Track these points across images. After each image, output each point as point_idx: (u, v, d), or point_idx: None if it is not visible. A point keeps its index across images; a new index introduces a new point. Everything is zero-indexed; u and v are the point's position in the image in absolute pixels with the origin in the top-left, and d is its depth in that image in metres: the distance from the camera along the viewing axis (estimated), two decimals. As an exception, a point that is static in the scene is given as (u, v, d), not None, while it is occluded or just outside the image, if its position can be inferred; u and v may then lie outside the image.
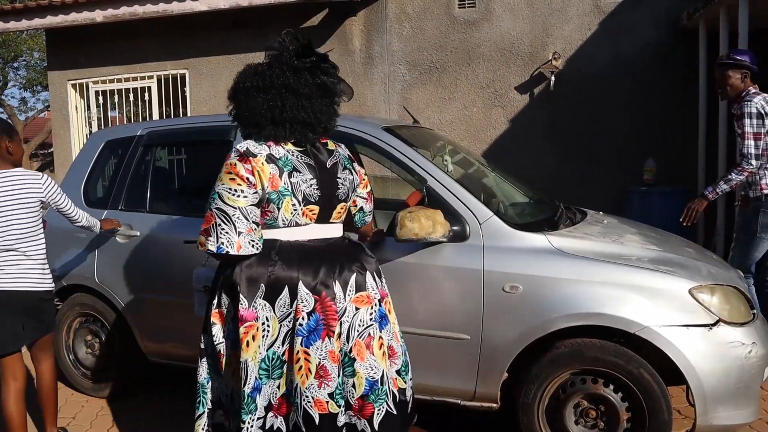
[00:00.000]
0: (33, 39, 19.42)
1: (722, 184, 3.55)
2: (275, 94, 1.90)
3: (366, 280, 2.01)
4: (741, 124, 3.47)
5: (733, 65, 3.60)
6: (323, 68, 1.96)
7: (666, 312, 2.40)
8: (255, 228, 1.90)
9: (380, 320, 2.05)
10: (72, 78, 7.80)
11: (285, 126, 1.91)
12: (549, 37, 6.30)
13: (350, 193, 2.08)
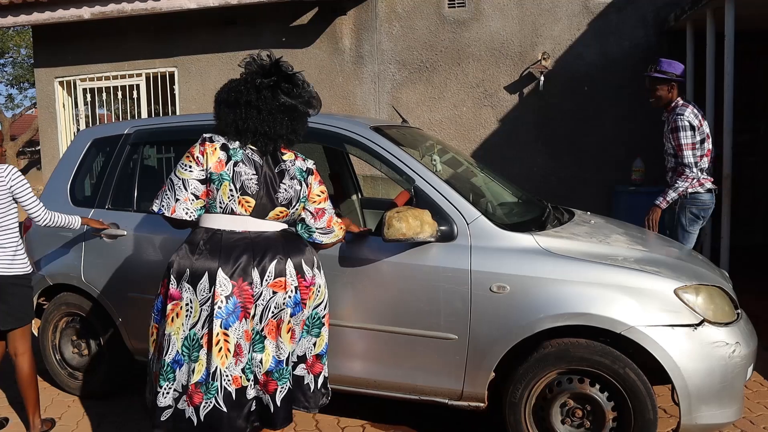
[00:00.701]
0: (20, 35, 19.25)
1: (671, 192, 3.80)
2: (241, 109, 2.17)
3: (286, 268, 2.19)
4: (677, 137, 3.78)
5: (660, 78, 3.88)
6: (284, 88, 2.19)
7: (651, 312, 2.41)
8: (192, 199, 2.19)
9: (294, 306, 2.22)
10: (59, 75, 7.72)
11: (247, 135, 2.19)
12: (538, 38, 6.32)
13: (294, 202, 2.26)
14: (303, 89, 2.25)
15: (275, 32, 6.97)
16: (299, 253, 2.27)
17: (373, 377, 2.78)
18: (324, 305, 2.36)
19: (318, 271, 2.32)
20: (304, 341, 2.33)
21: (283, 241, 2.25)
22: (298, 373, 2.32)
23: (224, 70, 7.16)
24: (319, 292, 2.33)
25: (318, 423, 3.14)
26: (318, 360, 2.36)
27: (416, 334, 2.67)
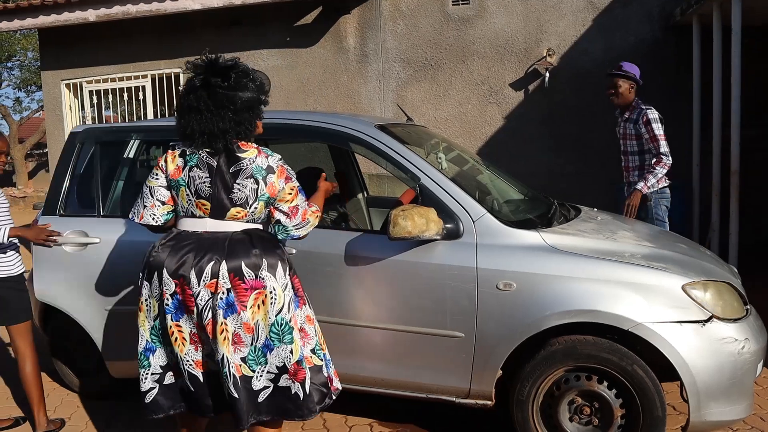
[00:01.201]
0: (27, 39, 19.36)
1: (651, 178, 4.01)
2: (183, 114, 2.23)
3: (220, 270, 2.17)
4: (651, 129, 4.04)
5: (623, 76, 4.16)
6: (214, 83, 2.18)
7: (659, 308, 2.40)
8: (159, 205, 2.31)
9: (226, 308, 2.18)
10: (65, 78, 7.77)
11: (194, 138, 2.21)
12: (543, 34, 6.30)
13: (252, 201, 2.23)
14: (240, 80, 2.22)
15: (279, 32, 6.98)
16: (242, 256, 2.20)
17: (380, 376, 2.78)
18: (287, 309, 2.26)
19: (269, 274, 2.22)
20: (279, 351, 2.23)
21: (229, 242, 2.22)
22: (283, 385, 2.24)
23: (229, 70, 7.17)
24: (276, 297, 2.23)
25: (326, 422, 3.14)
26: (299, 366, 2.26)
27: (423, 333, 2.66)
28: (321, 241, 2.84)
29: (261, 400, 2.24)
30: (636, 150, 4.19)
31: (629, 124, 4.19)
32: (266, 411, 2.26)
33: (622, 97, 4.18)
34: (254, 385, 2.23)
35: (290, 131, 3.24)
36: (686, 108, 5.80)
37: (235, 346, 2.20)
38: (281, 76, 7.05)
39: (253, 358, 2.23)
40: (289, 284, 2.30)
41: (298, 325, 2.30)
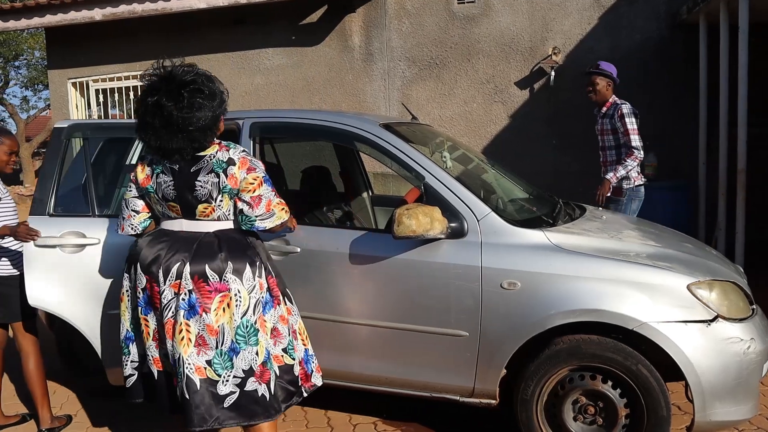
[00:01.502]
0: (34, 37, 19.44)
1: (621, 170, 4.14)
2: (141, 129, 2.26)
3: (183, 271, 2.21)
4: (624, 123, 4.15)
5: (600, 74, 4.29)
6: (167, 106, 2.16)
7: (664, 308, 2.39)
8: (134, 215, 2.43)
9: (188, 309, 2.22)
10: (72, 76, 7.80)
11: (157, 152, 2.27)
12: (549, 32, 6.28)
13: (215, 195, 2.26)
14: (193, 100, 2.18)
15: (285, 31, 6.99)
16: (207, 259, 2.22)
17: (384, 374, 2.78)
18: (253, 311, 2.27)
19: (234, 277, 2.24)
20: (245, 354, 2.24)
21: (198, 245, 2.26)
22: (249, 388, 2.25)
23: (233, 69, 7.19)
24: (240, 300, 2.24)
25: (330, 420, 3.15)
26: (265, 367, 2.28)
27: (427, 332, 2.66)
28: (326, 239, 2.85)
29: (226, 405, 2.24)
30: (612, 144, 4.31)
31: (606, 120, 4.32)
32: (232, 417, 2.24)
33: (599, 95, 4.31)
34: (219, 390, 2.23)
35: (295, 130, 3.24)
36: (693, 106, 5.78)
37: (200, 349, 2.22)
38: (286, 74, 7.06)
39: (219, 362, 2.23)
40: (258, 286, 2.30)
41: (267, 326, 2.32)
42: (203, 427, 2.22)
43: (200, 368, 2.22)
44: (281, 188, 3.68)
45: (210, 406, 2.22)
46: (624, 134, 4.18)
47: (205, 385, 2.22)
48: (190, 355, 2.21)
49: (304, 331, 2.52)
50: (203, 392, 2.21)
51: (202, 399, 2.21)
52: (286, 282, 2.54)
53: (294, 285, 2.83)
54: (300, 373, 2.43)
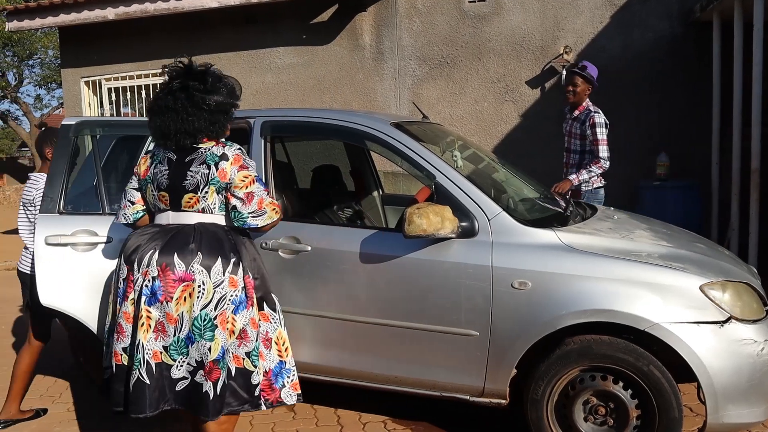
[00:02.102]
0: (47, 37, 19.61)
1: (584, 174, 4.17)
2: (163, 115, 2.34)
3: (153, 258, 2.26)
4: (595, 132, 4.18)
5: (584, 76, 4.27)
6: (194, 86, 2.32)
7: (676, 309, 2.38)
8: (129, 205, 2.51)
9: (150, 295, 2.27)
10: (85, 75, 7.86)
11: (170, 137, 2.34)
12: (560, 31, 6.25)
13: (202, 186, 2.32)
14: (215, 84, 2.36)
15: (295, 30, 7.00)
16: (177, 248, 2.27)
17: (394, 373, 2.78)
18: (215, 306, 2.25)
19: (201, 268, 2.25)
20: (199, 345, 2.24)
21: (174, 234, 2.32)
22: (197, 380, 2.26)
23: (245, 67, 7.22)
24: (203, 292, 2.24)
25: (340, 418, 3.16)
26: (215, 365, 2.24)
27: (437, 331, 2.66)
28: (336, 238, 2.86)
29: (179, 389, 2.29)
30: (578, 149, 4.34)
31: (576, 123, 4.33)
32: (181, 402, 2.29)
33: (577, 96, 4.30)
34: (173, 374, 2.28)
35: (307, 129, 3.25)
36: (705, 105, 5.73)
37: (158, 334, 2.28)
38: (297, 73, 7.07)
39: (175, 348, 2.28)
40: (229, 283, 2.28)
41: (236, 326, 2.29)
42: (157, 410, 2.27)
43: (157, 353, 2.28)
44: (292, 187, 3.69)
45: (164, 388, 2.28)
46: (593, 143, 4.20)
47: (160, 369, 2.28)
48: (149, 340, 2.27)
49: (284, 343, 2.46)
50: (158, 376, 2.27)
51: (156, 383, 2.27)
52: (298, 281, 2.55)
53: (304, 283, 2.85)
54: (263, 384, 2.38)
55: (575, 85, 4.28)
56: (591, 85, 4.31)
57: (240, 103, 2.49)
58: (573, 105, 4.36)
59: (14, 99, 22.44)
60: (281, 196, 3.18)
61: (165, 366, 2.28)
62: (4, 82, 21.41)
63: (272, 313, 2.45)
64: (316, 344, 2.89)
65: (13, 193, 18.40)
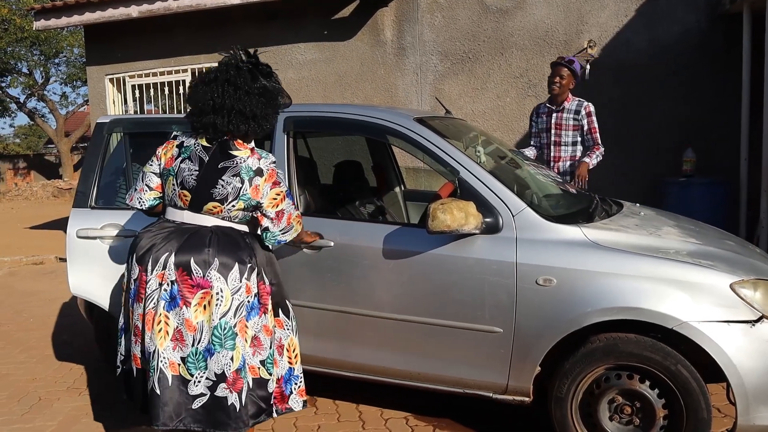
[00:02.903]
0: (73, 35, 19.95)
1: (594, 159, 4.32)
2: (217, 86, 2.21)
3: (169, 261, 2.18)
4: (591, 120, 4.35)
5: (571, 69, 4.35)
6: (262, 70, 2.27)
7: (706, 307, 2.33)
8: (146, 190, 2.38)
9: (169, 300, 2.17)
10: (109, 73, 7.97)
11: (223, 114, 2.19)
12: (584, 25, 6.16)
13: (231, 199, 2.23)
14: (278, 81, 2.35)
15: (317, 26, 7.01)
16: (194, 251, 2.19)
17: (417, 370, 2.78)
18: (233, 313, 2.20)
19: (219, 275, 2.19)
20: (219, 357, 2.17)
21: (189, 236, 2.23)
22: (219, 394, 2.18)
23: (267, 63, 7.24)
24: (222, 299, 2.18)
25: (361, 414, 3.16)
26: (239, 375, 2.20)
27: (460, 327, 2.64)
28: (359, 234, 2.85)
29: (196, 407, 2.18)
30: (570, 141, 4.39)
31: (568, 115, 4.37)
32: (199, 420, 2.18)
33: (562, 89, 4.35)
34: (190, 390, 2.18)
35: (330, 124, 3.24)
36: (734, 100, 5.60)
37: (176, 344, 2.17)
38: (319, 69, 7.08)
39: (193, 361, 2.18)
40: (245, 289, 2.23)
41: (247, 333, 2.24)
42: (168, 426, 2.16)
43: (174, 364, 2.17)
44: (314, 183, 3.70)
45: (179, 404, 2.17)
46: (590, 132, 4.34)
47: (176, 383, 2.17)
48: (165, 348, 2.16)
49: (294, 349, 2.43)
50: (174, 389, 2.16)
51: (171, 396, 2.16)
52: (321, 277, 2.53)
53: (328, 279, 2.85)
54: (275, 392, 2.34)
55: (561, 77, 4.33)
56: (575, 79, 4.40)
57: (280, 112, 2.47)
58: (556, 98, 4.40)
59: (41, 97, 22.88)
60: (304, 192, 3.18)
61: (182, 380, 2.18)
62: (31, 81, 21.83)
63: (286, 320, 2.42)
64: (338, 340, 2.89)
65: (40, 189, 18.75)
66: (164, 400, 2.15)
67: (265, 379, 2.28)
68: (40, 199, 17.98)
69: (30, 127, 32.92)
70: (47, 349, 4.32)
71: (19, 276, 7.03)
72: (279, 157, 3.05)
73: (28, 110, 23.34)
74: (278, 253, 2.95)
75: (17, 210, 15.18)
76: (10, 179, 24.27)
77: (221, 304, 2.18)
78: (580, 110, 4.34)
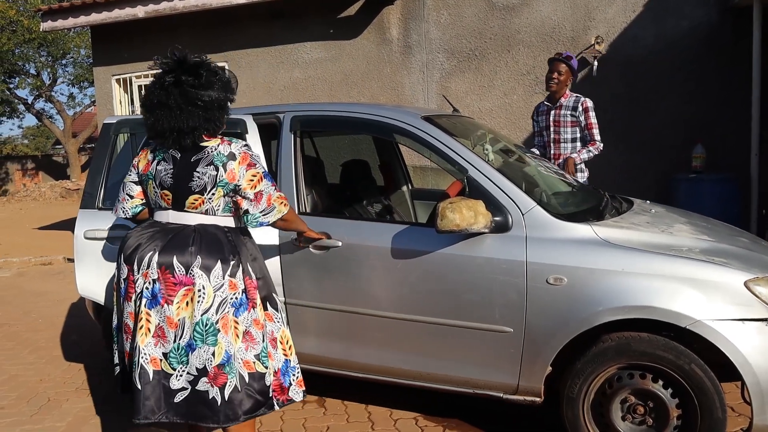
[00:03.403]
0: (80, 36, 20.02)
1: (584, 154, 4.27)
2: (155, 111, 2.24)
3: (152, 259, 2.21)
4: (589, 116, 4.30)
5: (569, 65, 4.32)
6: (188, 81, 2.21)
7: (720, 305, 2.30)
8: (128, 199, 2.44)
9: (150, 298, 2.21)
10: (116, 73, 7.98)
11: (165, 135, 2.24)
12: (591, 21, 6.12)
13: (209, 188, 2.24)
14: (210, 78, 2.26)
15: (322, 24, 6.99)
16: (177, 250, 2.21)
17: (426, 370, 2.76)
18: (216, 310, 2.21)
19: (201, 272, 2.20)
20: (201, 352, 2.19)
21: (173, 235, 2.25)
22: (200, 388, 2.21)
23: (272, 63, 7.24)
24: (204, 296, 2.20)
25: (371, 414, 3.14)
26: (221, 370, 2.20)
27: (470, 327, 2.62)
28: (367, 233, 2.84)
29: (177, 400, 2.21)
30: (569, 137, 4.36)
31: (566, 111, 4.34)
32: (181, 414, 2.22)
33: (560, 85, 4.33)
34: (172, 384, 2.21)
35: (337, 123, 3.23)
36: (743, 94, 5.55)
37: (158, 340, 2.21)
38: (324, 68, 7.07)
39: (175, 356, 2.21)
40: (228, 285, 2.23)
41: (239, 329, 2.25)
42: (150, 419, 2.20)
43: (156, 359, 2.21)
44: (322, 182, 3.68)
45: (159, 399, 2.21)
46: (588, 127, 4.29)
47: (157, 377, 2.21)
48: (147, 344, 2.21)
49: (287, 341, 2.43)
50: (155, 384, 2.21)
51: (152, 390, 2.20)
52: (329, 277, 2.52)
53: (336, 279, 2.84)
54: (274, 384, 2.35)
55: (559, 74, 4.29)
56: (572, 76, 4.37)
57: (235, 98, 2.37)
58: (553, 94, 4.38)
59: (48, 98, 22.99)
60: (311, 192, 3.17)
61: (164, 375, 2.22)
62: (39, 82, 21.93)
63: (275, 312, 2.42)
64: (347, 340, 2.88)
65: (48, 189, 18.84)
66: (146, 394, 2.20)
67: (261, 372, 2.30)
68: (48, 200, 18.07)
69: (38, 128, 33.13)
70: (56, 349, 4.33)
71: (28, 276, 7.06)
72: (286, 156, 3.04)
73: (36, 111, 23.47)
74: (286, 252, 2.94)
75: (26, 210, 15.26)
76: (19, 180, 24.41)
77: (203, 300, 2.20)
78: (577, 106, 4.30)
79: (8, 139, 33.95)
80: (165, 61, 2.28)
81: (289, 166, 3.02)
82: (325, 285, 2.86)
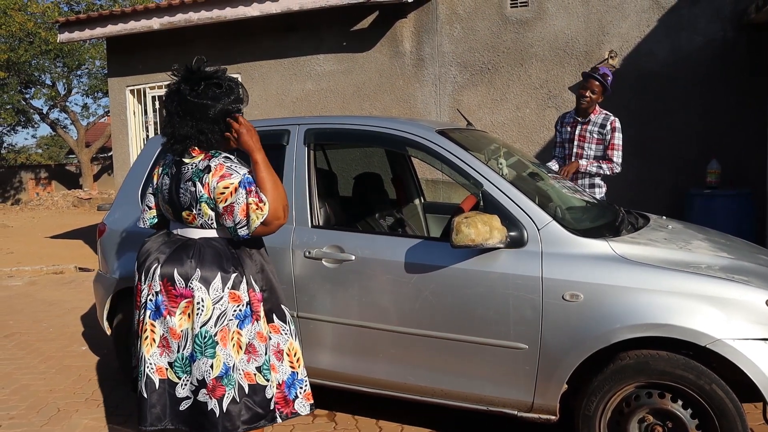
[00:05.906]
0: (95, 48, 20.26)
1: (594, 167, 4.23)
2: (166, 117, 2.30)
3: (155, 272, 2.25)
4: (614, 136, 4.23)
5: (602, 82, 4.23)
6: (184, 90, 2.25)
7: (740, 324, 2.25)
8: (147, 209, 2.51)
9: (154, 310, 2.27)
10: (130, 84, 8.05)
11: (168, 140, 2.29)
12: (605, 35, 6.10)
13: (194, 203, 2.25)
14: (206, 90, 2.24)
15: (335, 37, 7.03)
16: (177, 263, 2.24)
17: (439, 386, 2.72)
18: (214, 323, 2.21)
19: (200, 285, 2.21)
20: (200, 363, 2.21)
21: (176, 248, 2.28)
22: (201, 399, 2.24)
23: (286, 75, 7.27)
24: (203, 309, 2.21)
25: (381, 429, 3.11)
26: (219, 382, 2.21)
27: (484, 343, 2.59)
28: (381, 247, 2.82)
29: (182, 409, 2.26)
30: (593, 154, 4.30)
31: (594, 128, 4.27)
32: (186, 422, 2.26)
33: (592, 102, 4.24)
34: (178, 393, 2.26)
35: (350, 136, 3.22)
36: (759, 110, 5.50)
37: (163, 350, 2.27)
38: (337, 80, 7.09)
39: (179, 366, 2.26)
40: (228, 298, 2.23)
41: (242, 341, 2.25)
42: (156, 426, 2.25)
43: (162, 369, 2.26)
44: (334, 195, 3.67)
45: (165, 406, 2.26)
46: (611, 147, 4.22)
47: (164, 386, 2.26)
48: (152, 354, 2.26)
49: (295, 354, 2.41)
50: (161, 392, 2.25)
51: (159, 398, 2.25)
52: (342, 290, 2.50)
53: (349, 293, 2.82)
54: (277, 397, 2.34)
55: (593, 93, 4.22)
56: (605, 93, 4.27)
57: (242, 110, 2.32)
58: (585, 110, 4.28)
59: (63, 108, 23.24)
60: (323, 205, 3.16)
61: (170, 383, 2.27)
62: (54, 92, 22.19)
63: (282, 324, 2.40)
64: (359, 354, 2.85)
65: (61, 198, 18.98)
66: (152, 402, 2.25)
67: (261, 385, 2.30)
68: (60, 209, 18.20)
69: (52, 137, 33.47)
70: (66, 359, 4.33)
71: (40, 285, 7.09)
72: (299, 169, 3.03)
73: (50, 121, 23.72)
74: (298, 266, 2.92)
75: (38, 219, 15.38)
76: (32, 189, 24.62)
77: (202, 313, 2.22)
78: (605, 124, 4.23)
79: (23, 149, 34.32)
80: (177, 69, 2.36)
81: (303, 179, 3.01)
82: (338, 299, 2.84)
